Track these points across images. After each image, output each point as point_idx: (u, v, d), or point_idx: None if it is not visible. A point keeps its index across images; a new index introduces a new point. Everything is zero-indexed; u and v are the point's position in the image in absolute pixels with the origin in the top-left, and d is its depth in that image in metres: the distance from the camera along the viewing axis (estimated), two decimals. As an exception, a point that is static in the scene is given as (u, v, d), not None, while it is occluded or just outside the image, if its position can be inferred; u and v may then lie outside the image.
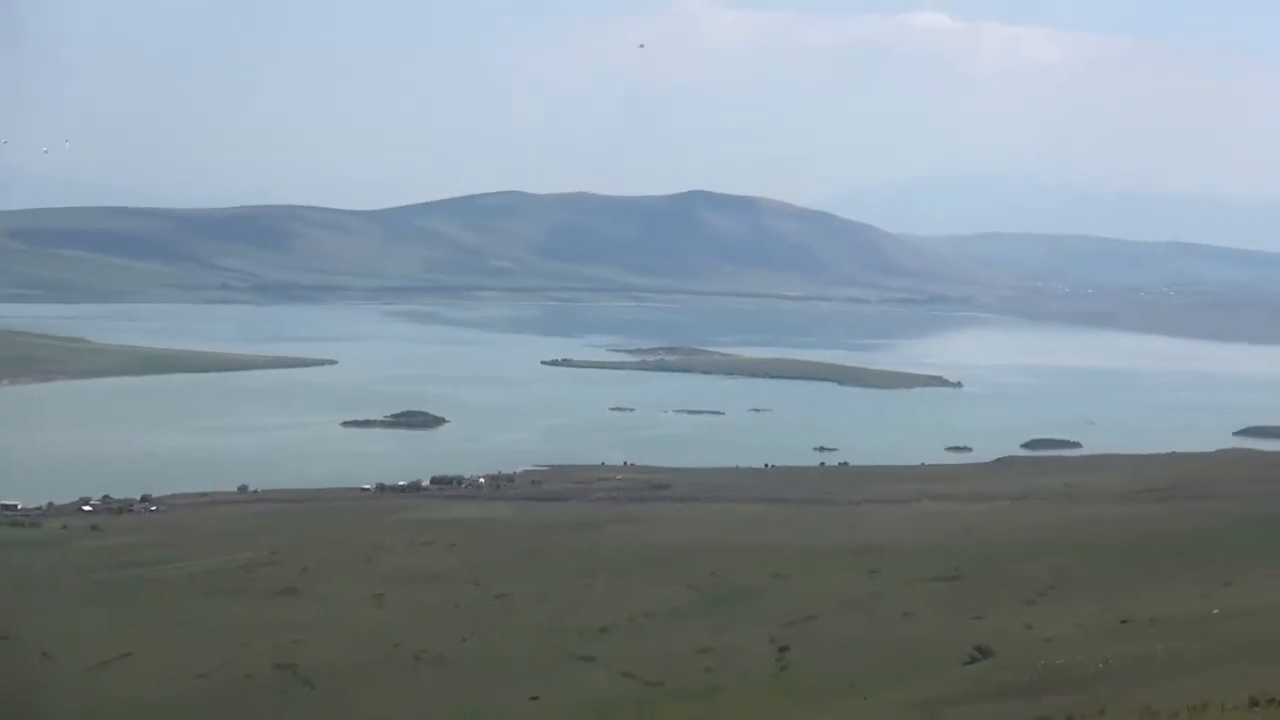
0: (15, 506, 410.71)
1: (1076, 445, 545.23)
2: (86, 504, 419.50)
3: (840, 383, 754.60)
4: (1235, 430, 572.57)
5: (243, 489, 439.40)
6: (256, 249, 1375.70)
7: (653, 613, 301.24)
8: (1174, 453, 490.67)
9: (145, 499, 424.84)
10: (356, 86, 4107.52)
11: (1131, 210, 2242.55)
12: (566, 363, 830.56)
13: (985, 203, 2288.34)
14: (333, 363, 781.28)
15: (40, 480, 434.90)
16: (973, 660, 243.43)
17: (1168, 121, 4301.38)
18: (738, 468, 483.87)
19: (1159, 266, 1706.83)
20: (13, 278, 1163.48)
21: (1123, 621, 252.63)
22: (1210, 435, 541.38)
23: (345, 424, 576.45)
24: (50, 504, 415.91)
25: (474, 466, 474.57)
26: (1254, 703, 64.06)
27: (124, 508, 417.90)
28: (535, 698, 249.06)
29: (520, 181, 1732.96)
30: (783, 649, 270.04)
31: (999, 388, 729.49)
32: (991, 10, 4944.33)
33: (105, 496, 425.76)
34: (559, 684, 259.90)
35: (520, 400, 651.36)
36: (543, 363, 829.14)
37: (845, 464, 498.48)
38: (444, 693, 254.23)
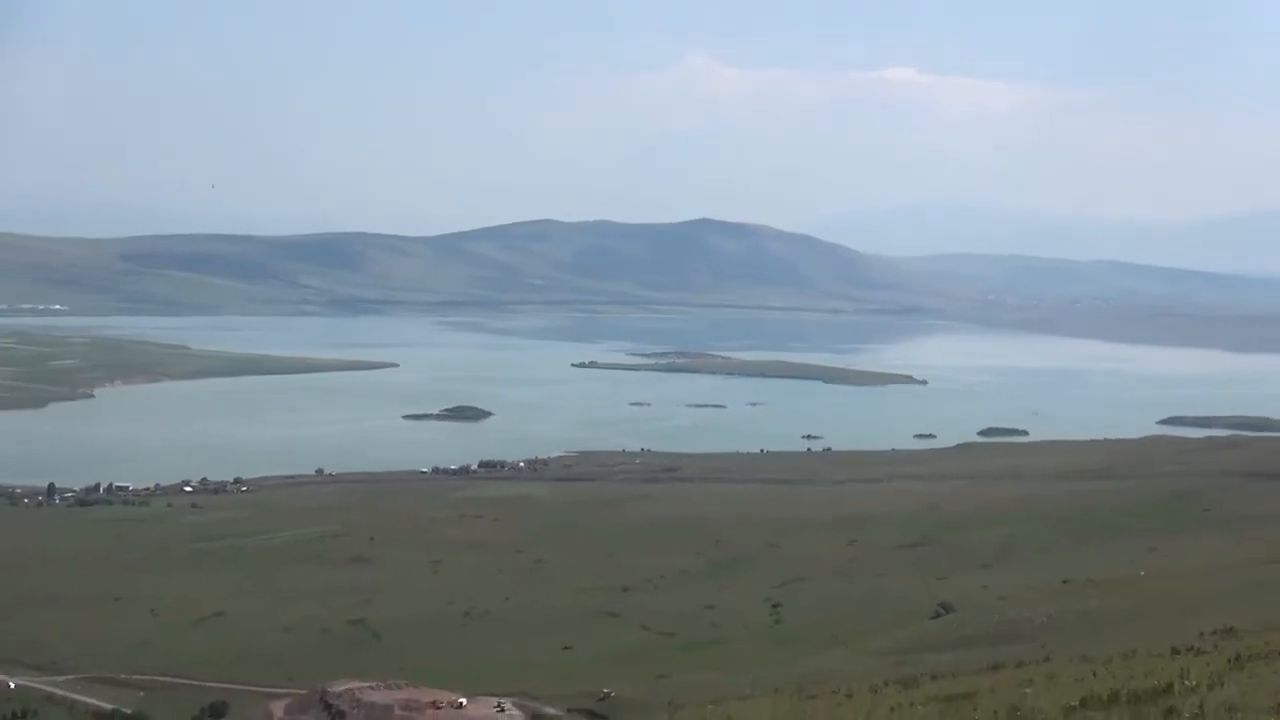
0: (127, 488, 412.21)
1: (1024, 433, 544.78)
2: (187, 485, 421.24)
3: (824, 381, 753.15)
4: (1159, 419, 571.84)
5: (319, 472, 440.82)
6: (330, 269, 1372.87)
7: (666, 575, 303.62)
8: (1107, 439, 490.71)
9: (237, 481, 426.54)
10: (416, 130, 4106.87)
11: (1073, 234, 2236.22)
12: (592, 365, 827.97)
13: (948, 227, 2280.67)
14: (394, 365, 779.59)
15: (148, 465, 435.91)
16: (937, 615, 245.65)
17: (1103, 158, 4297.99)
18: (737, 453, 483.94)
19: (1095, 282, 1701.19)
20: (125, 295, 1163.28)
21: (1064, 582, 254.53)
22: (1137, 424, 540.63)
23: (406, 417, 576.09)
24: (157, 485, 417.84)
25: (515, 453, 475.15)
26: (1175, 651, 64.71)
27: (219, 488, 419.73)
28: (568, 647, 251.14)
29: (551, 211, 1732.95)
30: (776, 606, 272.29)
31: (959, 385, 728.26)
32: (954, 65, 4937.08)
33: (203, 479, 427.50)
34: (588, 636, 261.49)
35: (553, 397, 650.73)
36: (572, 365, 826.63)
37: (829, 449, 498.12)
38: (490, 643, 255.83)
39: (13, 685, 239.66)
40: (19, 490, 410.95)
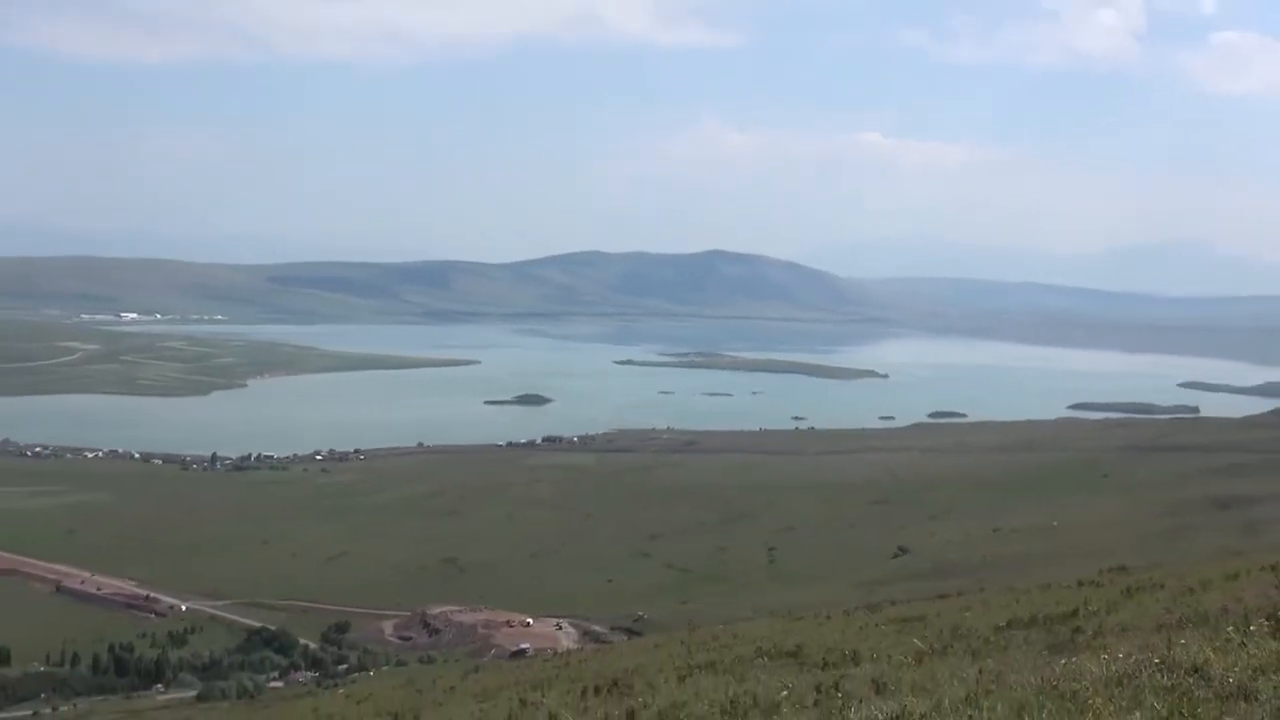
0: (273, 456, 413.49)
1: (964, 415, 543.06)
2: (318, 454, 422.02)
3: (808, 375, 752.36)
4: (1068, 405, 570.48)
5: (420, 445, 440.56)
6: (428, 288, 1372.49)
7: (686, 525, 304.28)
8: (1028, 420, 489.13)
9: (357, 451, 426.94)
10: (495, 179, 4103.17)
11: (1001, 260, 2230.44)
12: (629, 362, 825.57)
13: (905, 255, 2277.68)
14: (477, 363, 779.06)
15: (288, 439, 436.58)
16: (896, 555, 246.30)
17: (1023, 201, 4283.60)
18: (741, 431, 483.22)
19: (1018, 298, 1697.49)
20: (270, 308, 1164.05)
21: (994, 530, 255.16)
22: (1050, 408, 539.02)
23: (486, 402, 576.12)
24: (295, 455, 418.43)
25: (570, 430, 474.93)
26: (1080, 583, 64.52)
27: (343, 457, 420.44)
28: (610, 580, 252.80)
29: (599, 243, 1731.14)
30: (771, 549, 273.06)
31: (912, 378, 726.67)
32: (909, 131, 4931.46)
33: (330, 449, 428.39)
34: (626, 571, 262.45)
35: (599, 387, 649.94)
36: (614, 362, 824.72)
37: (812, 428, 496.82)
38: (551, 577, 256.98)
39: (184, 608, 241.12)
40: (189, 458, 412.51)
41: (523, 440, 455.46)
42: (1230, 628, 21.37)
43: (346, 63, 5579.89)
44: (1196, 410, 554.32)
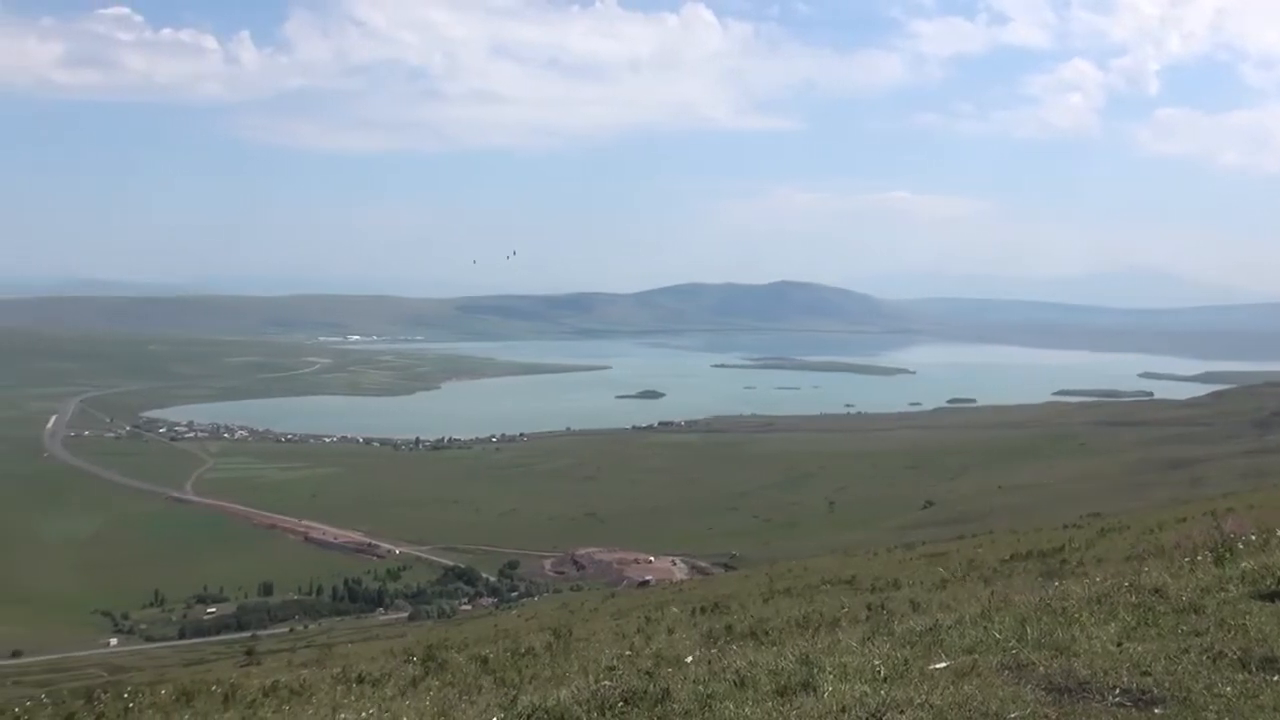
0: (460, 439, 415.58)
1: (973, 400, 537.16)
2: (493, 437, 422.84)
3: (856, 373, 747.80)
4: (1052, 391, 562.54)
5: (567, 429, 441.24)
6: (575, 312, 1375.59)
7: (765, 485, 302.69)
8: (1021, 404, 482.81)
9: (522, 434, 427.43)
10: (621, 228, 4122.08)
11: (996, 283, 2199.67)
12: (723, 366, 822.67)
13: (925, 281, 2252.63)
14: (610, 368, 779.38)
15: (471, 425, 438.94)
16: (925, 506, 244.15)
17: (1013, 237, 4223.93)
18: (806, 415, 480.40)
19: (1010, 312, 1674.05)
20: (458, 330, 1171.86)
21: (999, 487, 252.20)
22: (1039, 394, 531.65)
23: (616, 397, 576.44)
24: (476, 437, 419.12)
25: (679, 416, 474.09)
26: (1064, 526, 63.90)
27: (511, 439, 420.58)
28: (710, 527, 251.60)
29: (700, 276, 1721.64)
30: (831, 502, 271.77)
31: (935, 373, 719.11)
32: (927, 189, 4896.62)
33: (502, 433, 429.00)
34: (720, 519, 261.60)
35: (701, 384, 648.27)
36: (711, 366, 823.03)
37: (859, 412, 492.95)
38: (667, 525, 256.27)
39: (398, 551, 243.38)
40: (399, 441, 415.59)
41: (643, 424, 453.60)
42: (1184, 559, 21.11)
43: (509, 149, 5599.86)
44: (1151, 394, 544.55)
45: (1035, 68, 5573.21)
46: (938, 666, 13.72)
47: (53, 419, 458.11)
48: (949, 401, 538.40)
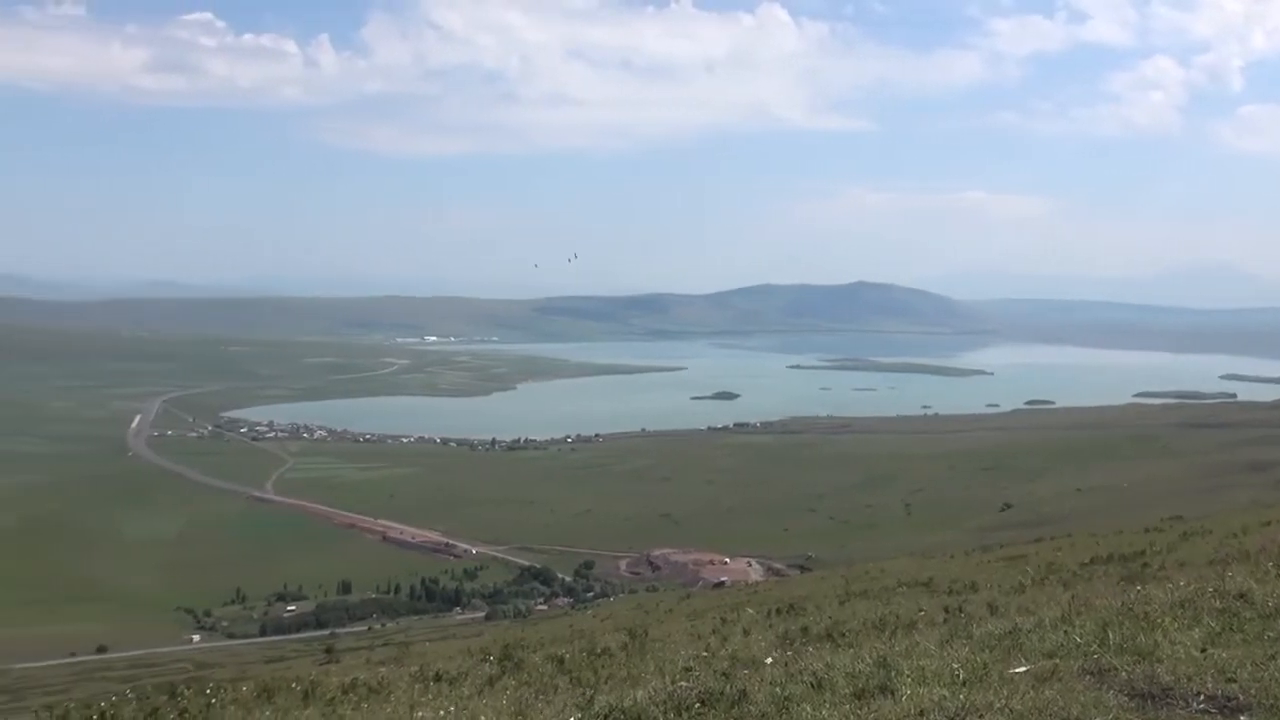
0: (535, 439, 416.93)
1: (1051, 402, 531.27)
2: (568, 437, 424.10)
3: (932, 374, 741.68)
4: (1132, 393, 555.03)
5: (643, 430, 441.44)
6: (648, 314, 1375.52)
7: (841, 486, 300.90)
8: (1100, 405, 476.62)
9: (597, 435, 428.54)
10: (693, 229, 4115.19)
11: (1071, 283, 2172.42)
12: (798, 367, 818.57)
13: (1000, 281, 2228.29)
14: (684, 369, 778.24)
15: (547, 425, 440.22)
16: (1003, 509, 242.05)
17: (1089, 236, 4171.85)
18: (881, 416, 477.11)
19: (1086, 313, 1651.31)
20: (533, 331, 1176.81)
21: (1078, 489, 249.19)
22: (1119, 395, 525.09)
23: (691, 398, 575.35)
24: (551, 438, 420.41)
25: (754, 417, 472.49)
26: (1146, 529, 63.07)
27: (587, 439, 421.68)
28: (786, 528, 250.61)
29: (772, 277, 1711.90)
30: (908, 504, 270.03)
31: (1012, 374, 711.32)
32: (1003, 188, 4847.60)
33: (577, 434, 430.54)
34: (796, 521, 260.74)
35: (775, 385, 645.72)
36: (786, 367, 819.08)
37: (936, 413, 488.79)
38: (742, 526, 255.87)
39: (474, 551, 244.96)
40: (475, 441, 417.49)
41: (719, 425, 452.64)
42: (1269, 563, 20.79)
43: (583, 151, 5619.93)
44: (1235, 396, 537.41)
45: (1116, 65, 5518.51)
46: (1017, 671, 13.61)
47: (137, 419, 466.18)
48: (1027, 403, 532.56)
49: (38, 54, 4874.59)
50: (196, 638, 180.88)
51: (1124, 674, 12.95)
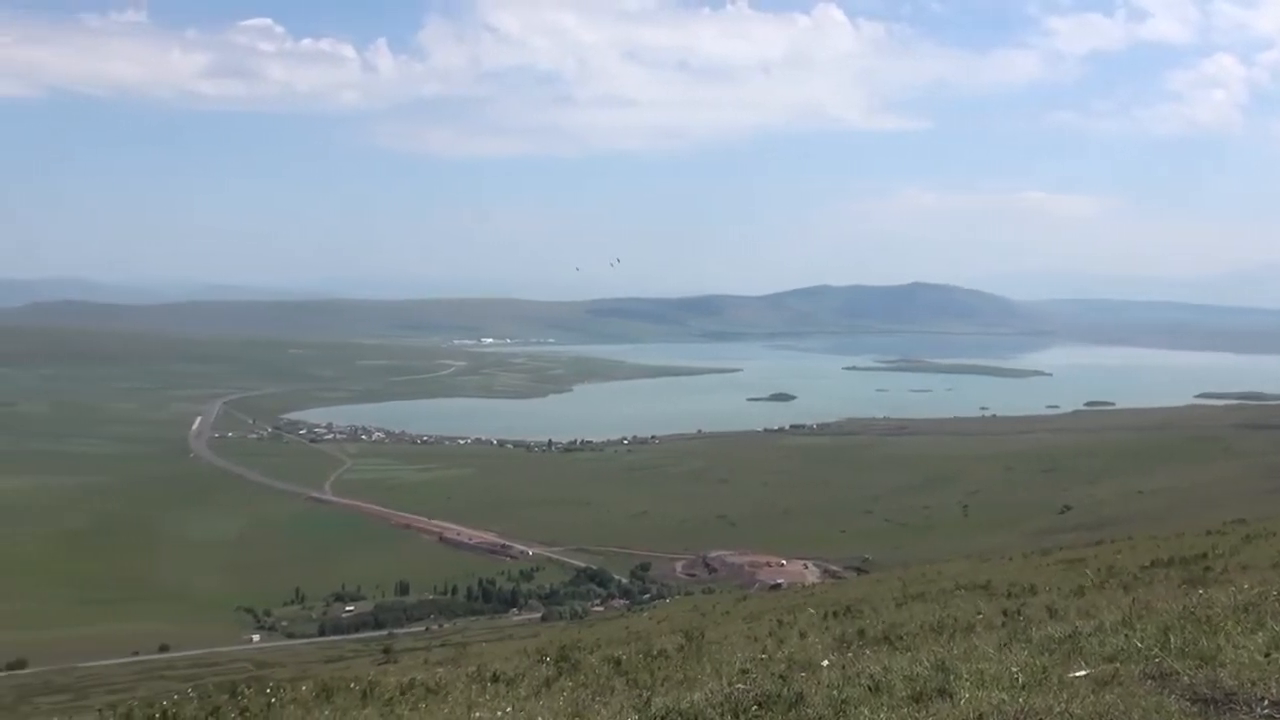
0: (592, 441, 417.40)
1: (1112, 403, 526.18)
2: (624, 439, 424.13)
3: (990, 375, 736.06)
4: (1194, 394, 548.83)
5: (699, 431, 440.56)
6: (703, 315, 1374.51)
7: (897, 488, 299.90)
8: (1162, 406, 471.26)
9: (653, 436, 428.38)
10: (748, 230, 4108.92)
11: (1132, 283, 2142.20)
12: (854, 368, 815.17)
13: (1060, 281, 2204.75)
14: (740, 370, 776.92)
15: (602, 427, 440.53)
16: (1062, 511, 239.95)
17: (1150, 236, 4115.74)
18: (938, 418, 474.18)
19: (1146, 313, 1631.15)
20: (588, 332, 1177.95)
21: (1138, 491, 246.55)
22: (1181, 396, 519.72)
23: (748, 399, 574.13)
24: (608, 439, 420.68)
25: (810, 418, 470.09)
26: (1208, 532, 62.31)
27: (643, 441, 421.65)
28: (843, 530, 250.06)
29: (826, 278, 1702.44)
30: (965, 506, 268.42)
31: (1071, 375, 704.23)
32: (1063, 188, 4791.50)
33: (634, 436, 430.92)
34: (852, 523, 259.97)
35: (831, 386, 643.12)
36: (842, 368, 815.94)
37: (994, 414, 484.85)
38: (798, 528, 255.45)
39: (531, 552, 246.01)
40: (531, 443, 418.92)
41: (775, 427, 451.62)
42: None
43: (637, 152, 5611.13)
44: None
45: (1176, 63, 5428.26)
46: (1077, 675, 13.51)
47: (197, 420, 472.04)
48: (1086, 404, 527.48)
49: (99, 59, 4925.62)
50: (256, 637, 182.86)
51: (1186, 679, 12.82)
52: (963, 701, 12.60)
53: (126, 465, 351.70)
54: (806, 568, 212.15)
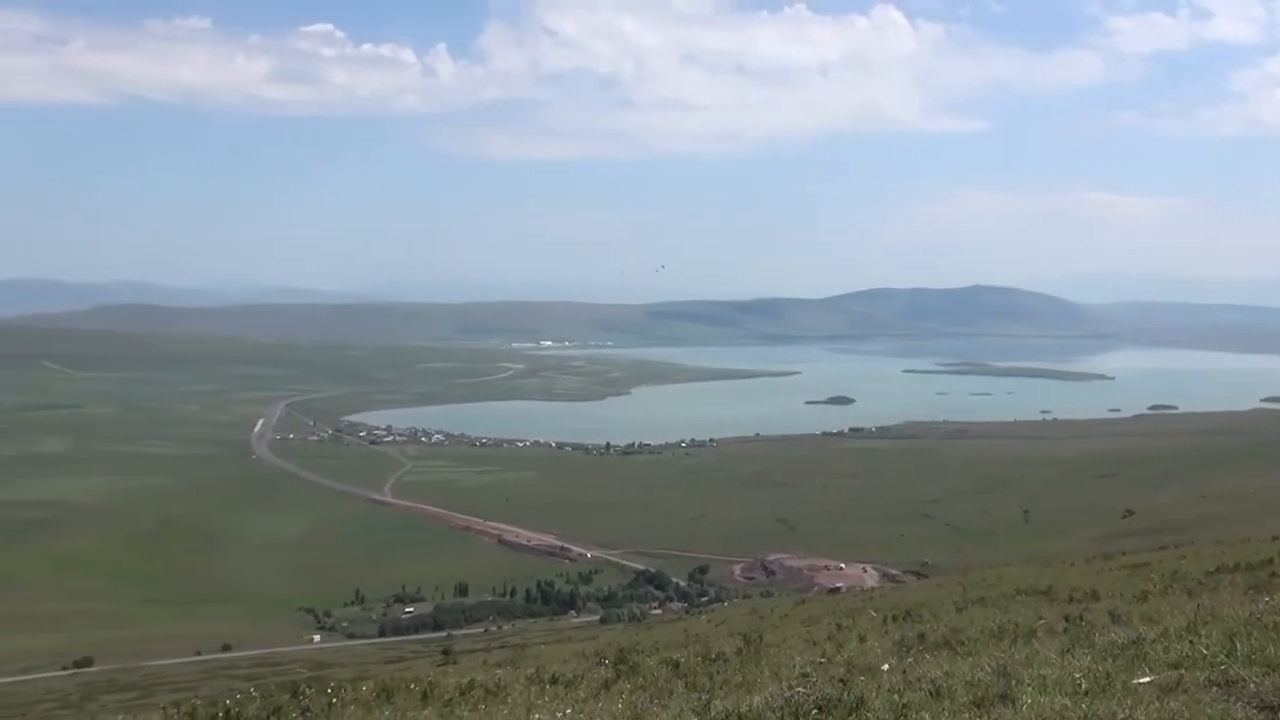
0: (650, 444, 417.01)
1: (1175, 407, 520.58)
2: (683, 442, 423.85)
3: (1051, 378, 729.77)
4: (1260, 398, 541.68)
5: (757, 435, 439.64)
6: (762, 317, 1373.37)
7: (958, 492, 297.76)
8: (1227, 410, 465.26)
9: (711, 439, 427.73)
10: (807, 232, 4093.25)
11: (1192, 286, 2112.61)
12: (914, 371, 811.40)
13: (1121, 284, 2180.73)
14: (799, 373, 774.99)
15: (661, 430, 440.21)
16: (1125, 516, 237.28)
17: (1210, 238, 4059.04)
18: (998, 421, 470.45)
19: (1207, 316, 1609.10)
20: (647, 335, 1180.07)
21: (1202, 496, 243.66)
22: (1246, 400, 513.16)
23: (806, 402, 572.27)
24: (666, 442, 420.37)
25: (870, 422, 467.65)
26: (1274, 538, 61.60)
27: (701, 444, 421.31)
28: (902, 534, 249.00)
29: (887, 281, 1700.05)
30: (1026, 510, 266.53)
31: (1134, 379, 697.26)
32: (1125, 190, 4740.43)
33: (692, 438, 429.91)
34: (912, 527, 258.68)
35: (891, 389, 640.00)
36: (902, 371, 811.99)
37: (1055, 418, 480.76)
38: (857, 532, 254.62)
39: (589, 555, 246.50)
40: (590, 446, 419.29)
41: (834, 430, 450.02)
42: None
43: (695, 156, 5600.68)
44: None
45: (1242, 63, 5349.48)
46: (1142, 681, 13.39)
47: (259, 422, 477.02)
48: (1150, 408, 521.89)
49: (165, 65, 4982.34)
50: (317, 638, 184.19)
51: (1252, 685, 12.67)
52: (1025, 707, 12.52)
53: (191, 467, 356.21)
54: (865, 571, 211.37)
